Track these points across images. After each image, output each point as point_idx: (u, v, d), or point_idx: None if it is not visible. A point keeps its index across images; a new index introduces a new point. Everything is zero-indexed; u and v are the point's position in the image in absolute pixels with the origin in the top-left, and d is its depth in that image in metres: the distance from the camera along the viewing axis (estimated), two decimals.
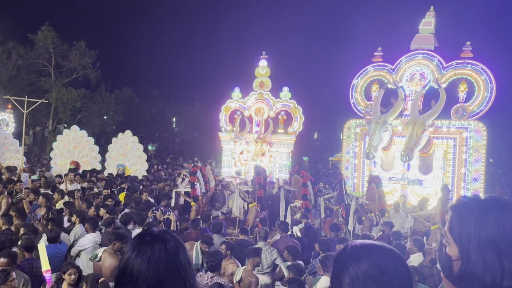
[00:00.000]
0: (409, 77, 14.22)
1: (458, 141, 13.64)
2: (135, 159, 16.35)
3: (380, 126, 12.55)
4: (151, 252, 1.41)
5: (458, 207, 1.39)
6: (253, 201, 10.81)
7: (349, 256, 1.20)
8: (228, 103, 19.15)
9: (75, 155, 16.07)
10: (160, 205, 10.08)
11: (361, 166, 15.18)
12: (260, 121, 18.50)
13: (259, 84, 18.66)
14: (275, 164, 18.24)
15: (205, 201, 11.80)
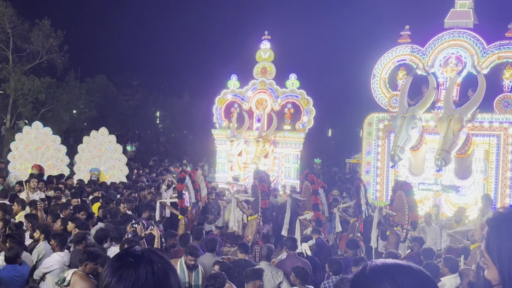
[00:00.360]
0: (442, 61, 14.17)
1: (502, 139, 13.56)
2: (112, 162, 16.30)
3: (407, 122, 12.34)
4: (136, 277, 1.38)
5: (496, 220, 1.39)
6: (254, 213, 10.80)
7: (368, 279, 1.20)
8: (224, 94, 19.14)
9: (37, 158, 16.07)
10: (141, 218, 10.12)
11: (385, 169, 15.12)
12: (262, 115, 18.44)
13: (260, 71, 18.63)
14: (281, 168, 18.20)
15: (195, 213, 11.80)
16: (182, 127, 45.15)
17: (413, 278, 1.17)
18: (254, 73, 18.69)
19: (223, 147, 18.94)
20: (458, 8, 14.24)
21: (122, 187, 13.94)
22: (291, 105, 18.49)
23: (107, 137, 16.66)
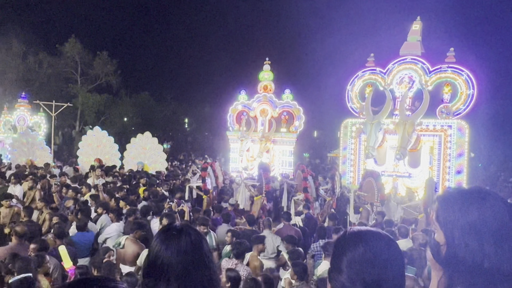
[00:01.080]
0: (398, 80, 14.17)
1: (443, 138, 13.63)
2: (154, 157, 16.33)
3: (374, 127, 12.52)
4: (178, 245, 1.42)
5: (443, 197, 1.40)
6: (259, 195, 10.83)
7: (347, 242, 1.21)
8: (235, 105, 19.09)
9: (98, 153, 16.14)
10: (175, 198, 10.15)
11: (357, 161, 15.15)
12: (264, 121, 18.45)
13: (263, 87, 18.60)
14: (278, 161, 18.15)
15: (215, 194, 11.85)
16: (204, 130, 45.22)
17: (380, 240, 1.18)
18: (258, 89, 18.68)
19: (235, 145, 18.92)
20: (410, 41, 14.29)
21: (161, 175, 13.97)
22: (286, 113, 18.48)
23: (151, 139, 16.69)
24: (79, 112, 31.99)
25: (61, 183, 10.01)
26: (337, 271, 1.19)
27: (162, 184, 11.90)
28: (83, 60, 32.52)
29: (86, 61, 32.70)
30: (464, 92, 13.24)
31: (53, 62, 31.77)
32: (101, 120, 31.72)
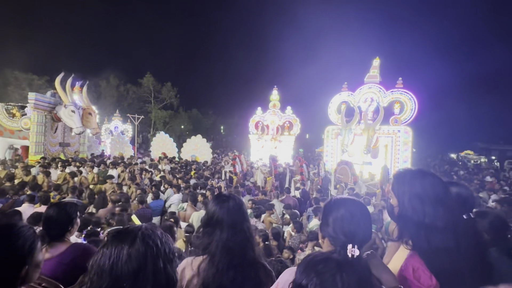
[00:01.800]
0: (363, 100, 13.96)
1: (394, 139, 13.42)
2: (203, 152, 16.48)
3: (348, 132, 12.59)
4: (228, 206, 1.42)
5: (397, 174, 1.42)
6: (269, 176, 10.81)
7: (332, 206, 1.22)
8: (254, 117, 19.11)
9: (163, 149, 16.37)
10: (215, 178, 10.23)
11: (335, 154, 14.99)
12: (273, 128, 18.45)
13: (272, 105, 18.59)
14: (283, 153, 18.10)
15: (241, 175, 11.87)
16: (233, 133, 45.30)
17: (354, 205, 1.21)
18: (269, 106, 18.67)
19: (254, 143, 19.01)
20: (371, 73, 14.08)
21: (206, 163, 14.07)
22: (288, 122, 18.47)
23: (201, 140, 16.81)
24: (152, 122, 32.54)
25: (141, 168, 10.19)
26: (325, 225, 1.21)
27: (206, 169, 11.98)
28: (155, 88, 33.05)
29: (157, 89, 33.22)
30: (409, 107, 13.08)
31: (136, 90, 32.41)
32: (166, 128, 32.15)
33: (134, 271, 0.67)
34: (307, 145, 40.10)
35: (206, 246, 1.40)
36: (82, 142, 14.12)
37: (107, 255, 0.69)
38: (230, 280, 1.29)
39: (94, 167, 9.23)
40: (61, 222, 1.81)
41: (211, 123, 42.63)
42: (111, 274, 0.65)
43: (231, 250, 1.34)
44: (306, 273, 0.88)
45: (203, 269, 1.33)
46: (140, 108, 32.00)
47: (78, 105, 11.77)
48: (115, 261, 0.67)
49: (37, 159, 10.18)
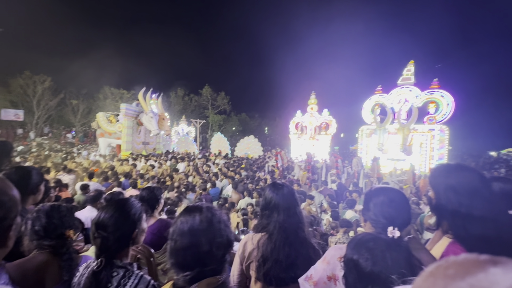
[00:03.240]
0: (397, 101, 12.84)
1: (429, 137, 12.10)
2: (255, 150, 16.80)
3: (382, 131, 11.68)
4: (282, 192, 1.42)
5: (434, 169, 1.31)
6: (305, 171, 10.57)
7: (372, 193, 1.20)
8: (294, 119, 18.82)
9: (219, 147, 17.02)
10: (262, 171, 10.33)
11: (369, 151, 14.07)
12: (311, 128, 17.97)
13: (310, 108, 18.12)
14: (320, 151, 17.56)
15: (282, 169, 11.80)
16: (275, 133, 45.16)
17: (394, 192, 1.17)
18: (307, 109, 18.22)
19: (294, 142, 18.72)
20: (405, 76, 12.87)
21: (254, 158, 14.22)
22: (325, 123, 17.81)
23: (253, 139, 17.14)
24: (210, 125, 33.86)
25: (202, 162, 10.67)
26: (367, 210, 1.19)
27: (254, 164, 12.14)
28: (212, 97, 34.36)
29: (213, 97, 34.46)
30: (445, 106, 11.64)
31: (197, 99, 34.04)
32: (221, 129, 33.26)
33: (205, 230, 0.77)
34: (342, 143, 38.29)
35: (265, 226, 1.41)
36: (158, 141, 15.41)
37: (184, 222, 0.78)
38: (285, 255, 1.32)
39: (167, 161, 10.00)
40: (151, 201, 2.03)
41: (257, 124, 43.06)
42: (190, 233, 0.76)
43: (286, 230, 1.35)
44: (357, 249, 0.87)
45: (262, 244, 1.37)
46: (201, 114, 33.66)
47: (155, 112, 12.89)
48: (191, 225, 0.77)
49: (127, 155, 11.42)
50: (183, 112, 30.27)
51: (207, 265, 0.75)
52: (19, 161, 8.67)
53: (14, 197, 0.62)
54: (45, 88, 22.04)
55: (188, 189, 5.60)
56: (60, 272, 1.17)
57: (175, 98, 32.13)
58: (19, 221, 0.65)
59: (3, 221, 0.59)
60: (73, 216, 1.33)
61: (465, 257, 0.28)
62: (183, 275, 0.74)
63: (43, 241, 1.18)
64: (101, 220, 1.06)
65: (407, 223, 1.11)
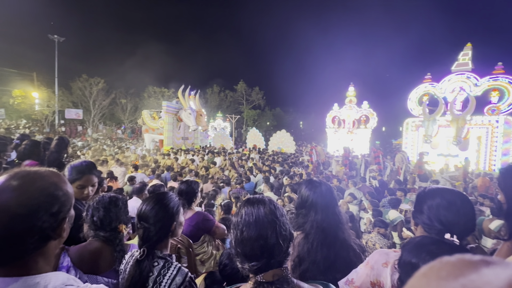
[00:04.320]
0: (451, 89, 11.44)
1: (490, 130, 10.55)
2: (287, 144, 16.64)
3: (432, 122, 10.42)
4: (321, 190, 1.36)
5: (503, 170, 1.11)
6: (342, 166, 10.09)
7: (427, 194, 1.06)
8: (331, 112, 18.03)
9: (254, 141, 17.14)
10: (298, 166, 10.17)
11: (415, 146, 12.87)
12: (350, 122, 17.08)
13: (349, 101, 17.17)
14: (359, 145, 16.60)
15: (317, 164, 11.45)
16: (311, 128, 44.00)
17: (454, 194, 1.02)
18: (345, 102, 17.30)
19: (331, 136, 17.99)
20: (461, 61, 11.35)
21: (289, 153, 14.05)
22: (364, 116, 16.78)
23: (285, 134, 16.98)
24: (245, 120, 34.35)
25: (237, 156, 10.86)
26: (419, 212, 1.06)
27: (288, 159, 12.00)
28: (246, 92, 34.73)
29: (248, 93, 34.80)
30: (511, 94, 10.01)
31: (232, 94, 34.71)
32: (255, 124, 33.52)
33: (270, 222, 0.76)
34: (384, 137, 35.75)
35: (301, 225, 1.36)
36: (196, 136, 16.15)
37: (250, 213, 0.78)
38: (323, 257, 1.26)
39: (205, 155, 10.42)
40: (189, 194, 2.11)
41: (292, 119, 42.44)
42: (257, 225, 0.76)
43: (324, 231, 1.29)
44: (416, 253, 0.81)
45: (298, 244, 1.32)
46: (236, 109, 34.29)
47: (193, 109, 13.49)
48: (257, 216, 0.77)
49: (168, 149, 12.20)
50: (219, 108, 31.15)
51: (274, 257, 0.75)
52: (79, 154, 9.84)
53: (68, 192, 0.66)
54: (99, 89, 24.56)
55: (224, 183, 5.74)
56: (112, 259, 1.27)
57: (211, 95, 33.20)
58: (73, 214, 0.70)
59: (58, 214, 0.63)
60: (127, 210, 1.44)
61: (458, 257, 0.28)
62: (250, 265, 0.75)
63: (99, 231, 1.30)
64: (143, 212, 1.13)
65: (470, 232, 0.96)
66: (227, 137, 18.48)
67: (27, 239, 0.58)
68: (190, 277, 1.09)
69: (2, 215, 0.55)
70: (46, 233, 0.61)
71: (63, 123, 23.96)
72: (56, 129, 22.35)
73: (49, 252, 0.64)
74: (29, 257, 0.60)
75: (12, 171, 0.61)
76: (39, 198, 0.59)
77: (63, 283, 0.62)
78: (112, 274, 1.24)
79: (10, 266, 0.59)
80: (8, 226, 0.55)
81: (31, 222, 0.58)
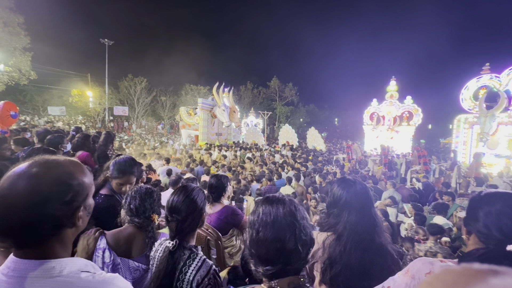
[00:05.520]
0: None
1: None
2: (318, 141, 16.20)
3: (489, 118, 9.14)
4: (356, 190, 1.26)
5: None
6: (380, 165, 9.43)
7: (483, 198, 0.91)
8: (369, 108, 17.02)
9: (287, 138, 16.93)
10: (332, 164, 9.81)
11: (468, 145, 11.47)
12: (390, 118, 15.90)
13: (390, 96, 15.99)
14: (400, 144, 15.39)
15: (354, 163, 10.90)
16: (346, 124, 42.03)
17: None
18: (386, 97, 16.16)
19: (369, 134, 16.99)
20: None
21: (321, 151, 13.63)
22: (407, 112, 15.47)
23: (315, 131, 16.54)
24: (277, 116, 34.24)
25: (268, 153, 10.83)
26: (473, 220, 0.92)
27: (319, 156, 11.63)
28: (279, 89, 34.51)
29: (281, 89, 34.55)
30: None
31: (265, 91, 34.79)
32: (288, 121, 33.17)
33: (289, 225, 0.72)
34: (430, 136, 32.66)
35: (332, 225, 1.28)
36: (229, 132, 16.51)
37: (267, 213, 0.74)
38: (357, 261, 1.17)
39: (237, 151, 10.61)
40: (218, 188, 2.14)
41: (326, 115, 40.97)
42: (274, 226, 0.71)
43: (358, 233, 1.20)
44: None
45: (329, 245, 1.24)
46: (268, 106, 34.30)
47: (226, 105, 13.79)
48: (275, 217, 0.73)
49: (202, 144, 12.68)
50: (252, 105, 31.43)
51: (291, 263, 0.70)
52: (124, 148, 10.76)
53: (83, 181, 0.66)
54: (142, 88, 26.50)
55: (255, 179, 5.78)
56: (144, 245, 1.35)
57: (245, 91, 33.65)
58: (91, 203, 0.70)
59: (72, 203, 0.63)
60: (160, 202, 1.52)
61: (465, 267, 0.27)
62: (264, 269, 0.70)
63: (134, 218, 1.39)
64: (175, 205, 1.16)
65: None
66: (259, 133, 18.56)
67: (41, 226, 0.59)
68: (214, 269, 1.09)
69: (17, 201, 0.57)
70: (60, 221, 0.62)
71: (112, 119, 26.42)
72: (105, 124, 24.74)
73: (66, 239, 0.65)
74: (46, 243, 0.61)
75: (34, 158, 0.63)
76: (51, 187, 0.60)
77: (79, 269, 0.63)
78: (143, 259, 1.31)
79: (27, 249, 0.60)
80: (22, 213, 0.57)
81: (44, 210, 0.59)
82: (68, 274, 0.61)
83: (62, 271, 0.61)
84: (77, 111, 25.36)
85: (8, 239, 0.59)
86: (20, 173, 0.59)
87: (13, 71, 16.19)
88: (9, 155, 3.06)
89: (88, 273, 0.64)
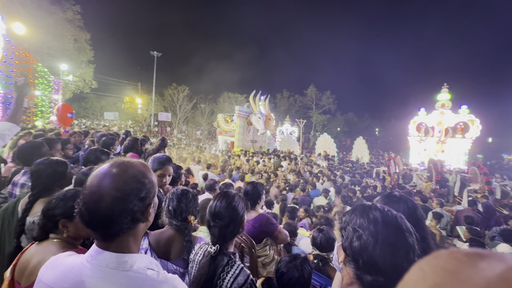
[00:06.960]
0: None
1: None
2: (363, 152, 15.42)
3: None
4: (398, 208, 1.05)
5: None
6: (428, 181, 8.51)
7: None
8: (416, 118, 15.68)
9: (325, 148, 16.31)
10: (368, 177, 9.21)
11: None
12: (441, 129, 14.40)
13: (441, 105, 14.54)
14: (453, 158, 13.82)
15: (396, 177, 10.04)
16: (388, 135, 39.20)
17: None
18: (436, 106, 14.72)
19: (414, 145, 15.60)
20: None
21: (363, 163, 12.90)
22: (462, 123, 13.87)
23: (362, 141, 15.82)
24: (313, 125, 33.53)
25: (303, 162, 10.61)
26: None
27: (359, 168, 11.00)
28: (316, 97, 33.86)
29: (318, 97, 33.87)
30: None
31: (302, 99, 34.40)
32: (324, 130, 32.20)
33: (405, 243, 0.69)
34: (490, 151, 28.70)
35: None
36: (264, 139, 16.60)
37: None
38: None
39: (271, 158, 10.58)
40: (254, 196, 2.15)
41: (366, 125, 38.76)
42: (389, 237, 0.70)
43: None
44: None
45: None
46: (304, 114, 33.77)
47: (262, 113, 13.94)
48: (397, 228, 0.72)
49: (238, 151, 12.93)
50: (288, 112, 31.26)
51: (399, 276, 0.68)
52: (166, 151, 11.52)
53: (152, 180, 0.73)
54: (184, 96, 28.29)
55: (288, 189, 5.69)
56: (181, 248, 1.38)
57: (281, 99, 33.68)
58: (157, 201, 0.77)
59: (145, 199, 0.70)
60: (197, 203, 1.57)
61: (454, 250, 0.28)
62: (372, 279, 0.66)
63: (172, 220, 1.44)
64: (218, 210, 1.18)
65: None
66: (293, 141, 18.25)
67: (123, 219, 0.66)
68: (252, 279, 1.08)
69: (105, 196, 0.63)
70: (136, 216, 0.68)
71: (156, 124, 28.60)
72: (151, 129, 26.87)
73: (138, 234, 0.71)
74: (123, 236, 0.67)
75: (111, 160, 0.70)
76: (131, 184, 0.66)
77: (146, 266, 0.68)
78: (181, 262, 1.34)
79: (108, 241, 0.67)
80: (110, 206, 0.63)
81: (126, 204, 0.65)
82: (137, 270, 0.66)
83: (132, 266, 0.66)
84: (128, 116, 28.04)
85: (96, 231, 0.66)
86: (105, 172, 0.66)
87: (79, 81, 18.73)
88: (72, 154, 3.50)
89: (153, 271, 0.68)
